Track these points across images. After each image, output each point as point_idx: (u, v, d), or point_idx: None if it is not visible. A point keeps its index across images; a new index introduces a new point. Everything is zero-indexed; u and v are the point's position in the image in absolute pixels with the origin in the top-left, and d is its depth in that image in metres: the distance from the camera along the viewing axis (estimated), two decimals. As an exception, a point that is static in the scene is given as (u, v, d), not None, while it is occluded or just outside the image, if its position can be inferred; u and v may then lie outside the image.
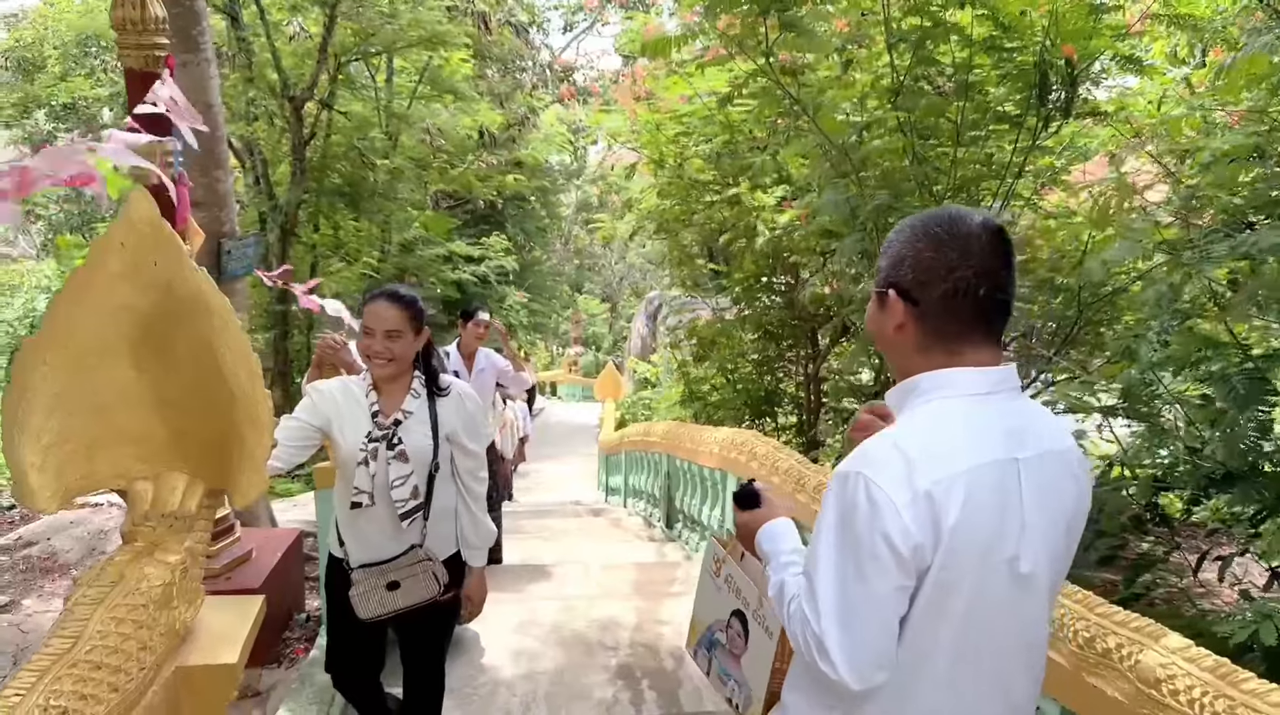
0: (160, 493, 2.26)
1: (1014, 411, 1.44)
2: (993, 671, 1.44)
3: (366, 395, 2.79)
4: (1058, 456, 1.46)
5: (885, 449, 1.36)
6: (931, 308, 1.41)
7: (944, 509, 1.31)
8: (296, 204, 9.70)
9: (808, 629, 1.38)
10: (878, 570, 1.32)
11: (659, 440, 7.73)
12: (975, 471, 1.35)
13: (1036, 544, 1.41)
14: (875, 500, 1.32)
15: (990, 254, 1.40)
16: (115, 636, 1.89)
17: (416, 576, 2.79)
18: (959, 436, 1.38)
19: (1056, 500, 1.45)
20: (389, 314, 2.72)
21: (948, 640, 1.39)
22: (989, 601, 1.39)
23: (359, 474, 2.69)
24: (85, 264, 2.10)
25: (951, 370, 1.42)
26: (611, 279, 38.63)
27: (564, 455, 16.86)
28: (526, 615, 4.93)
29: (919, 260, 1.42)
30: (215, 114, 5.05)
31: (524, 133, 14.85)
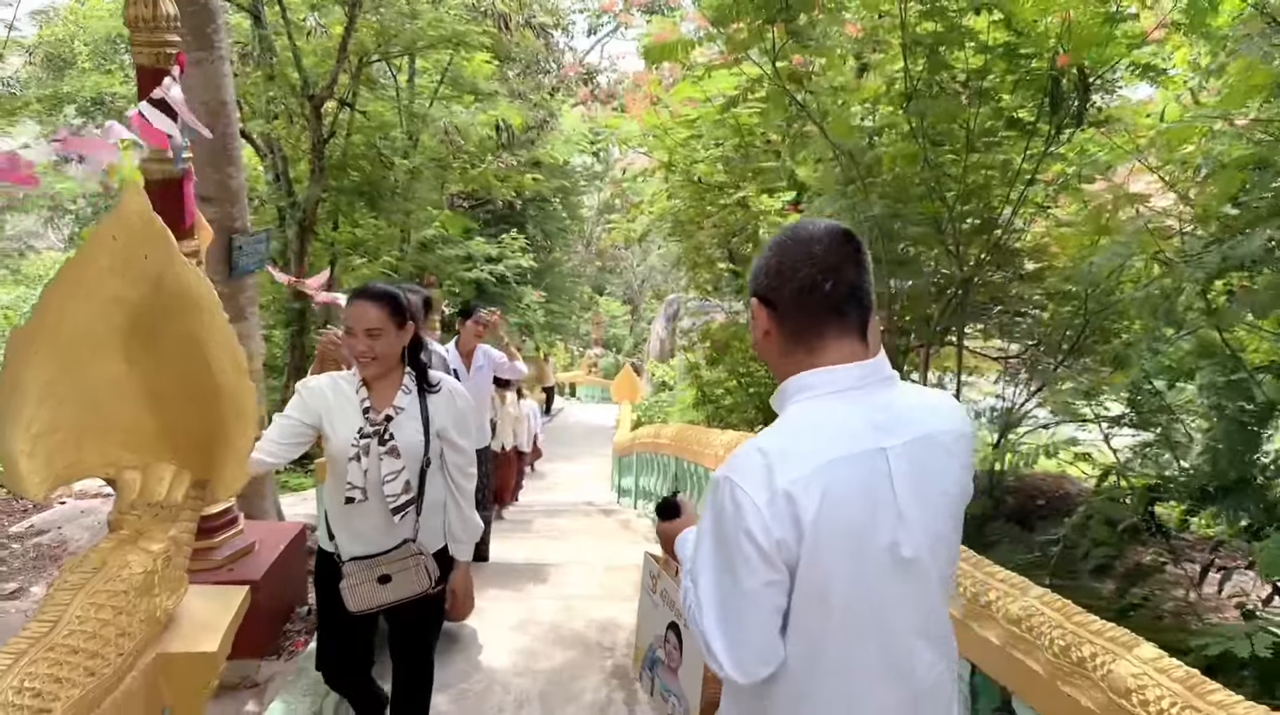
0: (147, 482, 2.30)
1: (883, 403, 1.50)
2: (888, 656, 1.49)
3: (357, 391, 2.80)
4: (929, 440, 1.51)
5: (749, 453, 1.43)
6: (786, 309, 1.50)
7: (802, 505, 1.37)
8: (315, 202, 9.77)
9: (696, 628, 1.47)
10: (746, 568, 1.39)
11: (668, 442, 7.74)
12: (835, 465, 1.41)
13: (916, 529, 1.47)
14: (739, 502, 1.39)
15: (833, 253, 1.48)
16: (94, 622, 1.92)
17: (408, 570, 2.81)
18: (819, 434, 1.44)
19: (934, 483, 1.51)
20: (369, 313, 2.72)
21: (836, 629, 1.45)
22: (872, 589, 1.45)
23: (351, 469, 2.71)
24: (77, 256, 2.14)
25: (813, 372, 1.50)
26: (633, 281, 38.66)
27: (581, 456, 16.88)
28: (526, 614, 4.95)
29: (769, 267, 1.52)
30: (229, 111, 5.11)
31: (544, 134, 14.90)
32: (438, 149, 11.83)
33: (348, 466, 2.71)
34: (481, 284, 15.52)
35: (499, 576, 5.73)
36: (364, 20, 9.26)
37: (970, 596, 2.40)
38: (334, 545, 2.84)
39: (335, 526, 2.84)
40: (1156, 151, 4.23)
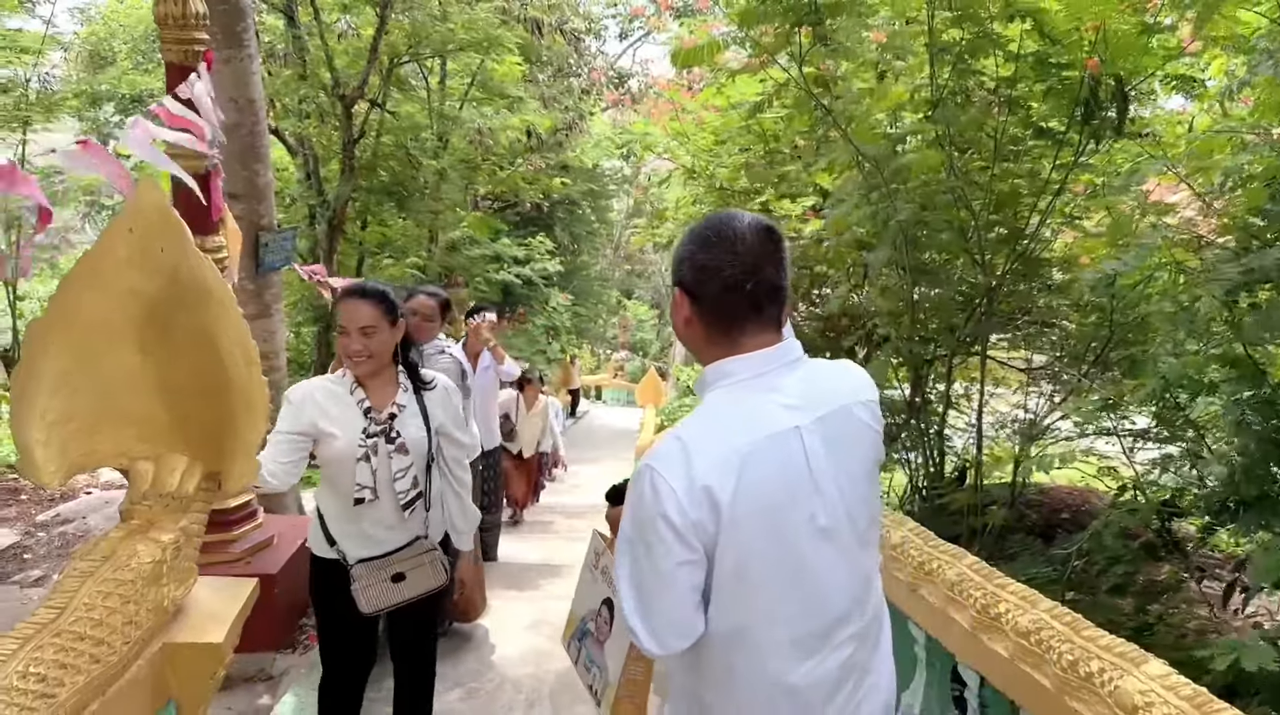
0: (160, 473, 2.32)
1: (793, 382, 1.58)
2: (812, 626, 1.57)
3: (352, 392, 2.79)
4: (841, 412, 1.60)
5: (669, 442, 1.53)
6: (709, 303, 1.58)
7: (719, 487, 1.46)
8: (345, 201, 9.86)
9: (620, 604, 1.56)
10: (663, 549, 1.48)
11: (688, 447, 7.72)
12: (749, 448, 1.49)
13: (833, 499, 1.55)
14: (657, 488, 1.47)
15: (755, 252, 1.55)
16: (101, 610, 1.94)
17: (423, 567, 2.83)
18: (733, 419, 1.54)
19: (849, 452, 1.60)
20: (363, 311, 2.74)
21: (756, 603, 1.53)
22: (790, 562, 1.53)
23: (360, 470, 2.72)
24: (94, 248, 2.17)
25: (729, 360, 1.58)
26: (660, 285, 38.63)
27: (605, 458, 16.86)
28: (539, 614, 4.95)
29: (694, 262, 1.58)
30: (257, 109, 5.17)
31: (572, 137, 14.94)
32: (467, 151, 11.89)
33: (355, 467, 2.71)
34: (508, 286, 15.57)
35: (513, 577, 5.74)
36: (395, 22, 9.34)
37: (980, 608, 2.38)
38: (336, 551, 2.80)
39: (338, 531, 2.80)
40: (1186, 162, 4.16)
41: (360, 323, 2.73)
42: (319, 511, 2.84)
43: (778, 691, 1.57)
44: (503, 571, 5.82)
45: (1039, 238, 4.83)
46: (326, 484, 2.80)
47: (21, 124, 7.85)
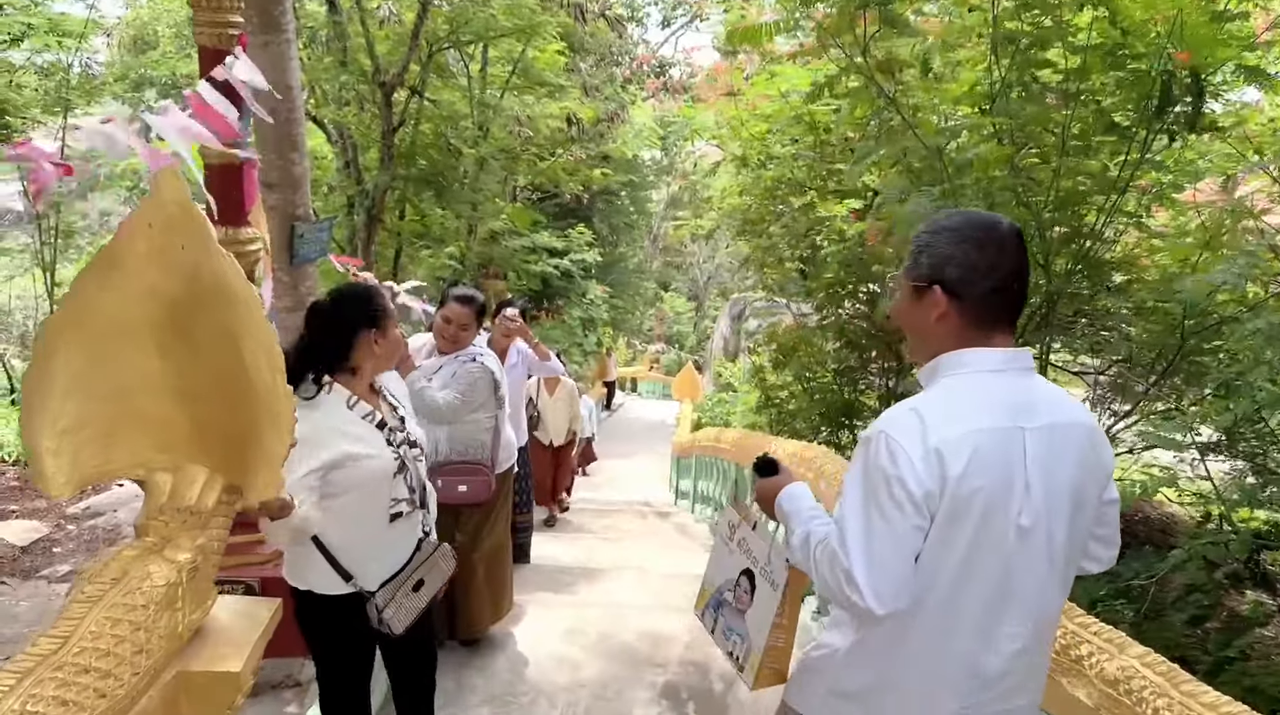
0: (178, 485, 2.17)
1: (1024, 387, 1.66)
2: (984, 613, 1.63)
3: (352, 407, 2.56)
4: (1064, 428, 1.65)
5: (904, 412, 1.61)
6: (973, 301, 1.64)
7: (950, 462, 1.54)
8: (384, 190, 9.74)
9: (837, 565, 1.60)
10: (898, 512, 1.55)
11: (729, 447, 7.52)
12: (981, 434, 1.57)
13: (1038, 502, 1.60)
14: (894, 453, 1.55)
15: (1020, 255, 1.65)
16: (109, 638, 1.79)
17: (436, 565, 2.70)
18: (969, 404, 1.61)
19: (1061, 466, 1.63)
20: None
21: (947, 577, 1.60)
22: (990, 548, 1.59)
23: (396, 485, 2.57)
24: (111, 243, 2.03)
25: (968, 350, 1.65)
26: (699, 278, 38.37)
27: (639, 453, 16.70)
28: (575, 621, 4.78)
29: (962, 260, 1.63)
30: (294, 96, 5.02)
31: (614, 127, 14.72)
32: (507, 140, 11.72)
33: (392, 483, 2.56)
34: (546, 277, 15.43)
35: (548, 579, 5.58)
36: (435, 9, 9.18)
37: (1060, 649, 2.21)
38: (352, 585, 2.54)
39: (357, 561, 2.55)
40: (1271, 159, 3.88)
41: None
42: (322, 549, 2.51)
43: (950, 665, 1.65)
44: (537, 574, 5.66)
45: (1102, 238, 4.57)
46: (342, 513, 2.49)
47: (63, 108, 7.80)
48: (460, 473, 4.14)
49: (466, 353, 4.16)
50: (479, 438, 4.20)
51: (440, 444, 4.12)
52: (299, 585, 2.64)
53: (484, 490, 4.21)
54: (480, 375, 4.11)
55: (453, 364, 4.13)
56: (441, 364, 4.15)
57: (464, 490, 4.15)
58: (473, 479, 4.18)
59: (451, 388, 4.03)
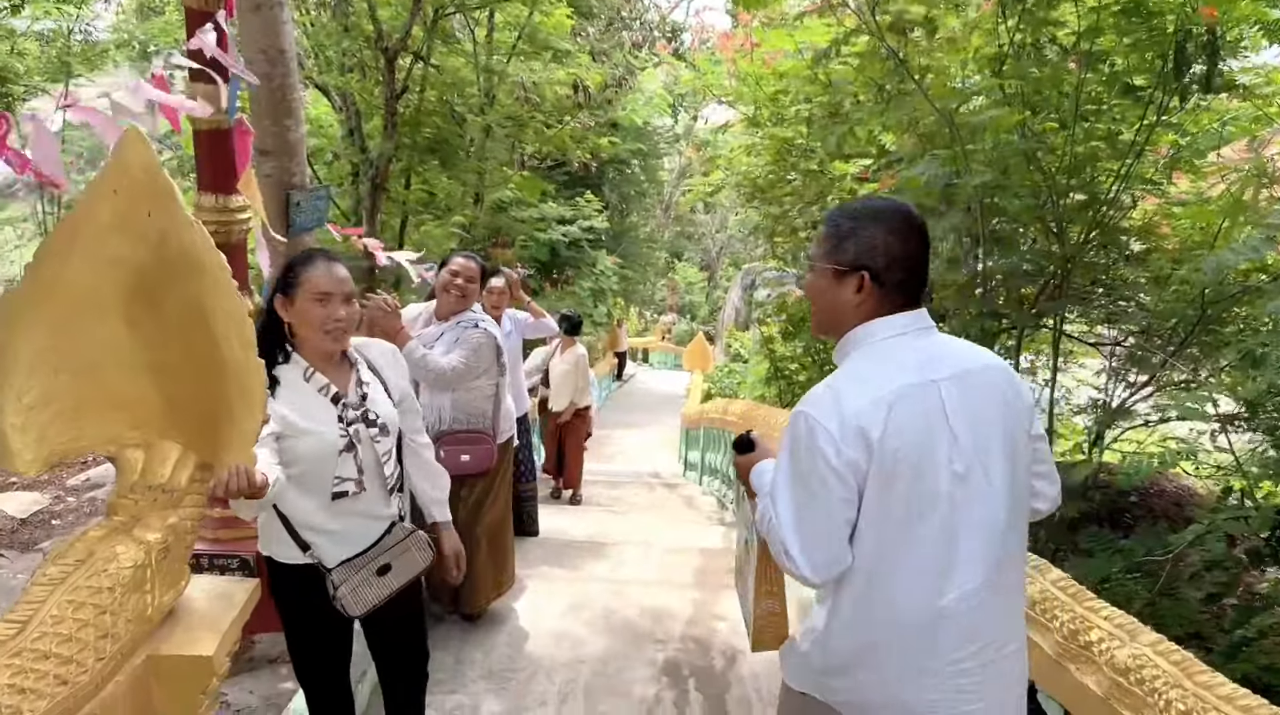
0: (150, 462, 2.10)
1: (927, 345, 1.77)
2: (941, 564, 1.68)
3: (308, 378, 2.46)
4: (977, 374, 1.75)
5: (821, 390, 1.72)
6: (893, 285, 1.77)
7: (869, 427, 1.63)
8: (388, 158, 9.60)
9: (775, 538, 1.72)
10: (821, 485, 1.65)
11: (736, 419, 7.42)
12: (895, 394, 1.65)
13: (968, 447, 1.68)
14: (813, 430, 1.65)
15: (925, 237, 1.81)
16: (71, 623, 1.72)
17: (408, 552, 2.57)
18: (878, 370, 1.70)
19: (983, 409, 1.72)
20: (342, 274, 2.47)
21: (896, 538, 1.67)
22: (929, 502, 1.66)
23: (342, 462, 2.43)
24: (73, 212, 1.93)
25: (874, 321, 1.77)
26: (711, 248, 38.12)
27: (649, 423, 16.65)
28: (578, 597, 4.73)
29: (882, 247, 1.76)
30: (288, 60, 4.90)
31: (622, 93, 14.48)
32: (514, 107, 11.54)
33: (337, 460, 2.42)
34: (554, 247, 15.28)
35: (551, 553, 5.53)
36: (439, -29, 9.01)
37: (1068, 634, 2.16)
38: (310, 556, 2.46)
39: (309, 533, 2.47)
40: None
41: (347, 289, 2.47)
42: (280, 516, 2.44)
43: (925, 616, 1.69)
44: (543, 547, 5.61)
45: (1118, 204, 4.42)
46: (291, 485, 2.41)
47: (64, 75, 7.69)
48: (463, 442, 4.07)
49: (467, 318, 4.07)
50: (481, 406, 4.12)
51: (444, 412, 4.06)
52: (264, 551, 2.58)
53: (487, 459, 4.15)
54: (484, 340, 4.04)
55: (454, 330, 4.05)
56: (442, 331, 4.06)
57: (466, 460, 4.08)
58: (475, 448, 4.11)
59: (454, 354, 3.96)
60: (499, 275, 5.67)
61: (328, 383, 2.48)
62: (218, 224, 3.94)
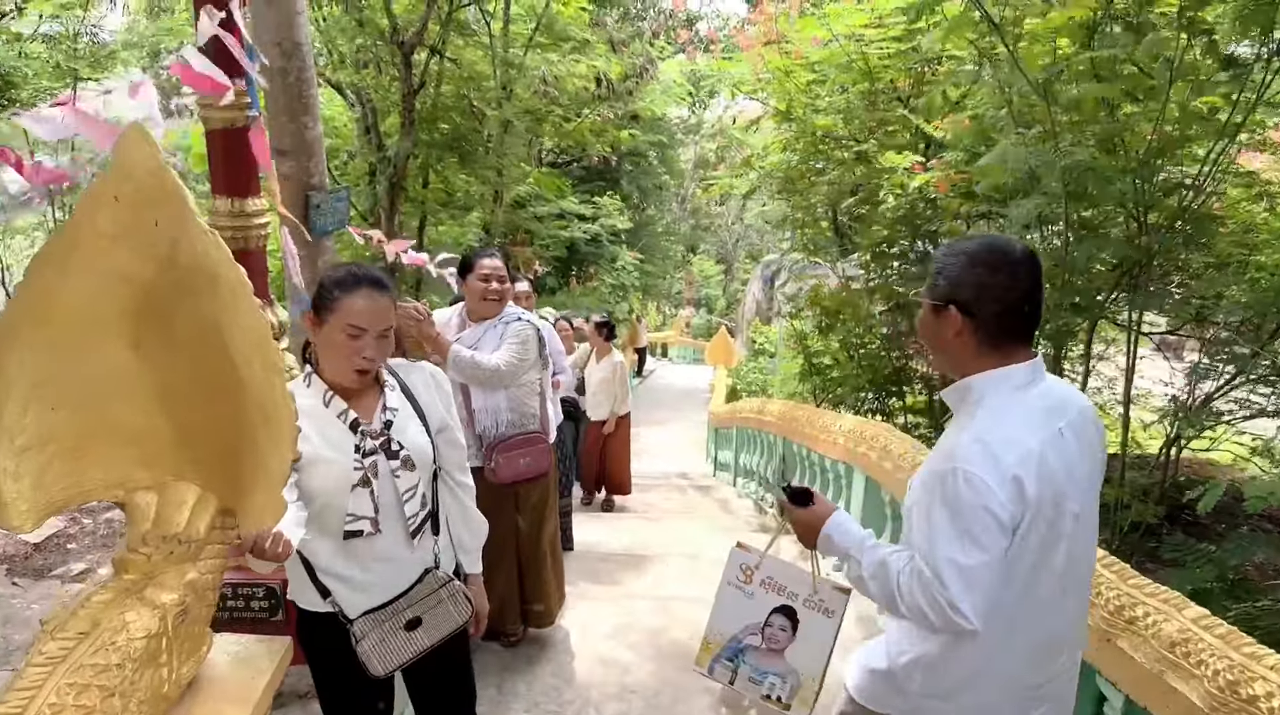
0: (164, 508, 1.82)
1: (1046, 391, 1.79)
2: (1058, 592, 1.75)
3: (328, 403, 2.17)
4: (1082, 415, 1.80)
5: (969, 444, 1.69)
6: (986, 322, 1.76)
7: (1026, 482, 1.66)
8: (406, 156, 9.33)
9: (937, 596, 1.67)
10: (990, 538, 1.65)
11: (774, 420, 7.13)
12: (1040, 447, 1.68)
13: (1084, 487, 1.77)
14: (975, 486, 1.65)
15: (1032, 277, 1.76)
16: (73, 711, 1.45)
17: (442, 604, 2.26)
18: (1019, 422, 1.71)
19: (1088, 449, 1.79)
20: (382, 305, 2.16)
21: (1025, 572, 1.71)
22: (1056, 540, 1.72)
23: (356, 498, 2.13)
24: (70, 221, 1.66)
25: (996, 371, 1.77)
26: (727, 240, 37.75)
27: (672, 421, 16.34)
28: (622, 616, 4.44)
29: (975, 282, 1.75)
30: (304, 54, 4.63)
31: (642, 84, 14.13)
32: (532, 101, 11.23)
33: (349, 496, 2.12)
34: (574, 244, 14.99)
35: (590, 568, 5.24)
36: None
37: (1113, 610, 2.32)
38: (330, 603, 2.17)
39: (331, 578, 2.18)
40: None
41: (384, 324, 2.16)
42: (301, 557, 2.16)
43: (1039, 643, 1.78)
44: (581, 561, 5.32)
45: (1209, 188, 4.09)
46: (311, 520, 2.14)
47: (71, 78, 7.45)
48: (518, 446, 3.80)
49: (506, 315, 3.80)
50: (530, 404, 3.86)
51: (500, 414, 3.78)
52: (289, 596, 2.29)
53: (545, 460, 3.91)
54: (529, 332, 3.77)
55: (497, 327, 3.77)
56: (483, 332, 3.78)
57: (526, 462, 3.82)
58: (532, 449, 3.85)
59: (503, 349, 3.69)
60: (521, 280, 5.41)
61: (346, 408, 2.18)
62: (234, 230, 3.68)
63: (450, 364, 3.52)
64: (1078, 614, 1.87)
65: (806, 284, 10.11)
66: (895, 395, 8.33)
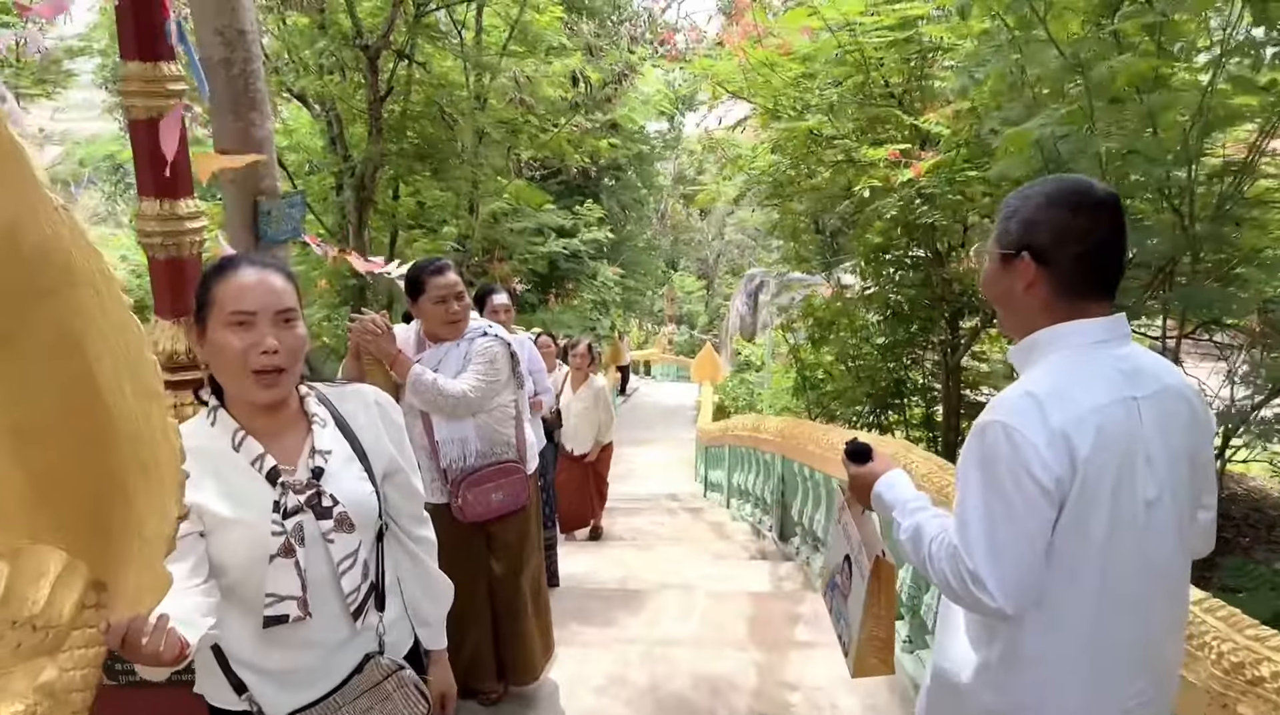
0: (17, 582, 1.34)
1: (1126, 355, 1.56)
2: (1133, 593, 1.52)
3: (238, 445, 1.65)
4: (1172, 392, 1.56)
5: (1017, 397, 1.51)
6: (1062, 269, 1.55)
7: (1077, 444, 1.45)
8: (374, 167, 8.88)
9: (960, 565, 1.50)
10: (1027, 506, 1.46)
11: (771, 438, 6.70)
12: (1101, 410, 1.48)
13: (1161, 473, 1.52)
14: (1015, 442, 1.46)
15: (1116, 220, 1.55)
16: None
17: (389, 700, 1.74)
18: (1082, 380, 1.51)
19: (1176, 432, 1.55)
20: (275, 285, 1.65)
21: (1090, 565, 1.50)
22: (1125, 528, 1.49)
23: (277, 572, 1.61)
24: None
25: (1075, 323, 1.56)
26: (708, 255, 37.49)
27: (658, 440, 15.93)
28: (617, 666, 3.97)
29: (1051, 223, 1.55)
30: (249, 43, 4.17)
31: (620, 91, 13.74)
32: (506, 111, 10.80)
33: (266, 570, 1.61)
34: (553, 259, 14.57)
35: (577, 606, 4.77)
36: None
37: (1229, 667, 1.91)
38: (246, 700, 1.65)
39: (247, 669, 1.66)
40: None
41: (279, 304, 1.64)
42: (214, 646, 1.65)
43: (1098, 651, 1.54)
44: (567, 599, 4.84)
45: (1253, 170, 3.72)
46: (223, 599, 1.63)
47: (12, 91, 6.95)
48: (490, 478, 3.29)
49: (470, 330, 3.33)
50: (503, 430, 3.37)
51: (468, 444, 3.26)
52: (196, 688, 1.75)
53: (522, 493, 3.38)
54: (497, 348, 3.27)
55: (460, 345, 3.29)
56: (446, 351, 3.30)
57: (499, 498, 3.30)
58: (506, 481, 3.32)
59: (469, 371, 3.21)
60: (499, 292, 4.97)
61: (263, 453, 1.66)
62: (164, 236, 3.23)
63: (410, 388, 3.06)
64: (1163, 631, 1.60)
65: (798, 294, 9.74)
66: (894, 408, 7.96)
